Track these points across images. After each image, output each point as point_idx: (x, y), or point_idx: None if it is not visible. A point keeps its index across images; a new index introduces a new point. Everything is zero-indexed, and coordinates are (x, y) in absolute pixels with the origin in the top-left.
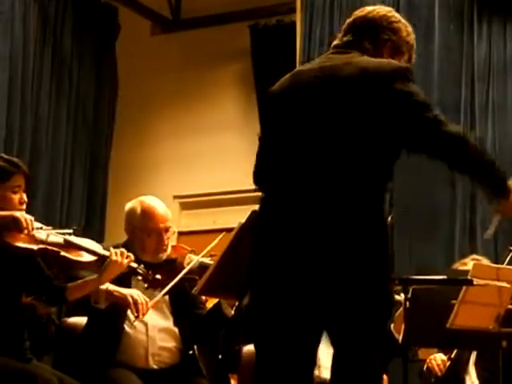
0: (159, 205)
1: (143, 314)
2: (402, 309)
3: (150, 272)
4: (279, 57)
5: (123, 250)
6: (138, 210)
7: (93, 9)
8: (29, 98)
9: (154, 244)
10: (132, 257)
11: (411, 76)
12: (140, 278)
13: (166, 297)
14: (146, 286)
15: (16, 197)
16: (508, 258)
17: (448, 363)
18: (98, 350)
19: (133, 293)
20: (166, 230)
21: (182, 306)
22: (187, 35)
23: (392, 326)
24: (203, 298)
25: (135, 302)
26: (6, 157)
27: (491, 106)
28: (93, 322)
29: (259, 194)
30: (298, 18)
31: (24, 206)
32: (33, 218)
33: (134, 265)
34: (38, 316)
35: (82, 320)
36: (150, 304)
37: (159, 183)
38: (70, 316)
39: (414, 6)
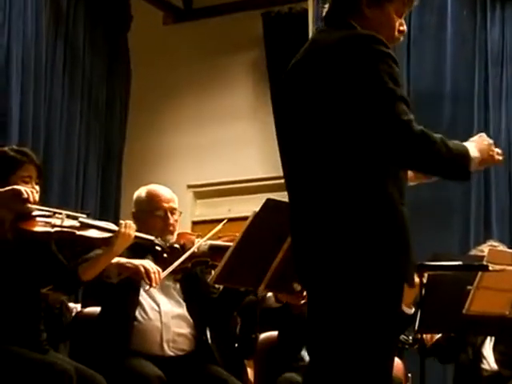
0: (164, 188)
1: (156, 283)
2: None
3: (168, 245)
4: (292, 44)
5: (130, 222)
6: (144, 194)
7: (105, 0)
8: (42, 89)
9: (160, 223)
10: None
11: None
12: (159, 248)
13: (178, 284)
14: (165, 256)
15: (27, 186)
16: None
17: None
18: (111, 339)
19: (144, 263)
20: (172, 211)
21: (194, 293)
22: (199, 24)
23: None
24: None
25: (147, 272)
26: (16, 147)
27: (505, 91)
28: (105, 311)
29: (273, 182)
30: (310, 5)
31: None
32: (34, 191)
33: (151, 237)
34: (50, 305)
35: (97, 310)
36: (162, 274)
37: (173, 172)
38: (84, 305)
39: None
